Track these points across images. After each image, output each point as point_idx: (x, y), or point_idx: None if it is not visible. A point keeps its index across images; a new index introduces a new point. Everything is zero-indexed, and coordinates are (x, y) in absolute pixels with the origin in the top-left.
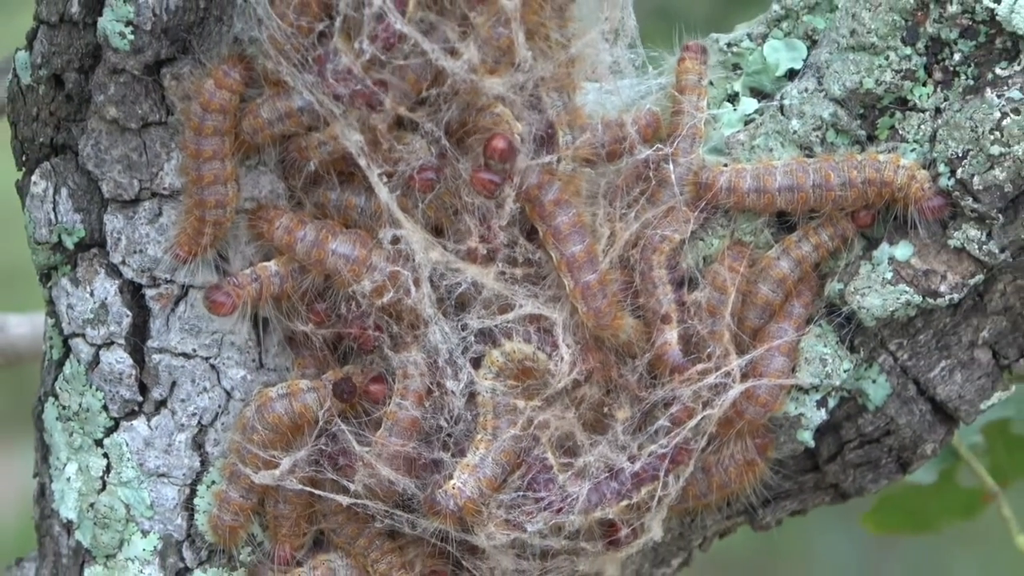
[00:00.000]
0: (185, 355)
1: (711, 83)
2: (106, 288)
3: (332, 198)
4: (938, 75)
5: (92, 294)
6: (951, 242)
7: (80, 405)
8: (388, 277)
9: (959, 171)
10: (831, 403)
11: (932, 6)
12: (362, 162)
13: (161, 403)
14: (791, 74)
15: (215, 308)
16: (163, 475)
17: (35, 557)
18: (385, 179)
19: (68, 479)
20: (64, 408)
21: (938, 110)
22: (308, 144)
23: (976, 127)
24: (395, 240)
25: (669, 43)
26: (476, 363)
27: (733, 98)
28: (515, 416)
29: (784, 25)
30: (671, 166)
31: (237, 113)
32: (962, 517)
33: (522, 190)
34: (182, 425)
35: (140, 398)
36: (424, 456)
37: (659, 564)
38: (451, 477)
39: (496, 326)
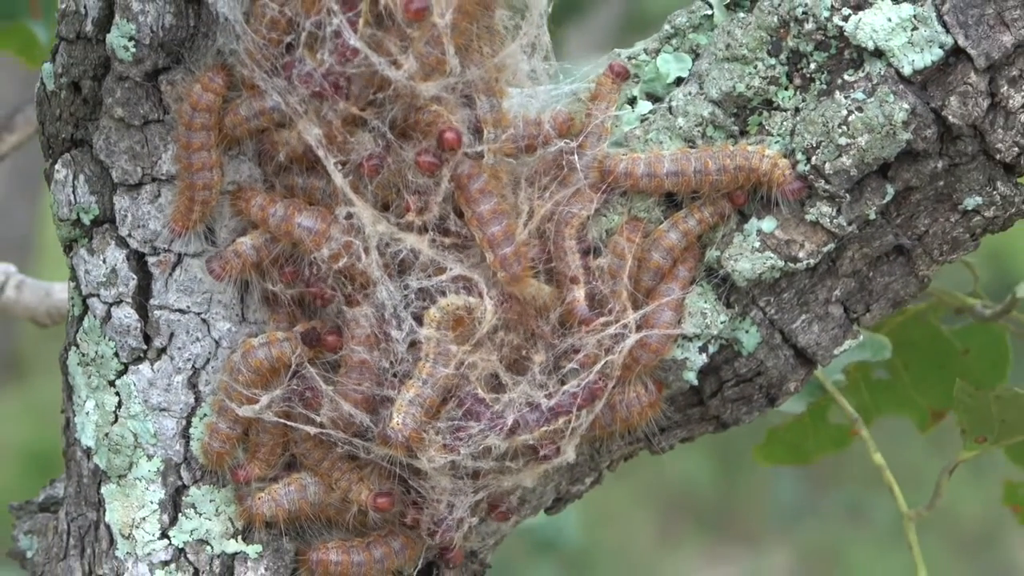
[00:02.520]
0: (181, 311)
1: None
2: (116, 256)
3: (299, 182)
4: (797, 81)
5: (105, 261)
6: (808, 217)
7: (96, 352)
8: (343, 246)
9: (813, 159)
10: (711, 349)
11: (792, 24)
12: (320, 152)
13: (162, 350)
14: (679, 81)
15: (213, 275)
16: (164, 409)
17: (64, 478)
18: (340, 166)
19: (87, 413)
20: (83, 355)
21: (797, 109)
22: (278, 140)
23: (827, 123)
24: (349, 216)
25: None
26: (417, 316)
27: (632, 101)
28: (448, 359)
29: (673, 41)
30: (577, 157)
31: (220, 111)
32: (834, 449)
33: (455, 174)
34: (179, 368)
35: (144, 346)
36: (377, 394)
37: (574, 482)
38: (392, 416)
39: (432, 285)
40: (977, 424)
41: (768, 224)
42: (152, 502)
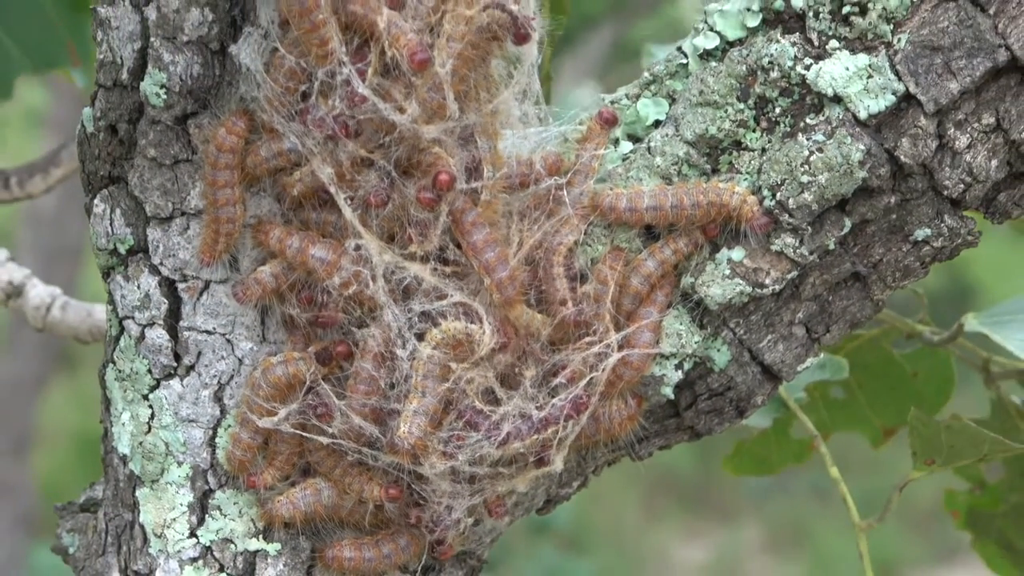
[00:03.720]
0: (208, 332)
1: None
2: (149, 283)
3: (313, 217)
4: (764, 124)
5: (139, 287)
6: (773, 247)
7: (131, 369)
8: (352, 275)
9: (778, 195)
10: (686, 366)
11: (759, 73)
12: (332, 189)
13: (190, 367)
14: (657, 123)
15: (237, 300)
16: (192, 421)
17: (103, 481)
18: (349, 202)
19: (123, 424)
20: (120, 371)
21: (764, 150)
22: (291, 181)
23: (791, 162)
24: (357, 247)
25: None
26: (420, 337)
27: (615, 141)
28: (447, 375)
29: (652, 88)
30: (566, 192)
31: (243, 152)
32: (795, 461)
33: (451, 209)
34: (206, 384)
35: (175, 364)
36: (384, 407)
37: (563, 486)
38: (399, 427)
39: (434, 309)
40: (927, 448)
41: (737, 253)
42: (182, 504)
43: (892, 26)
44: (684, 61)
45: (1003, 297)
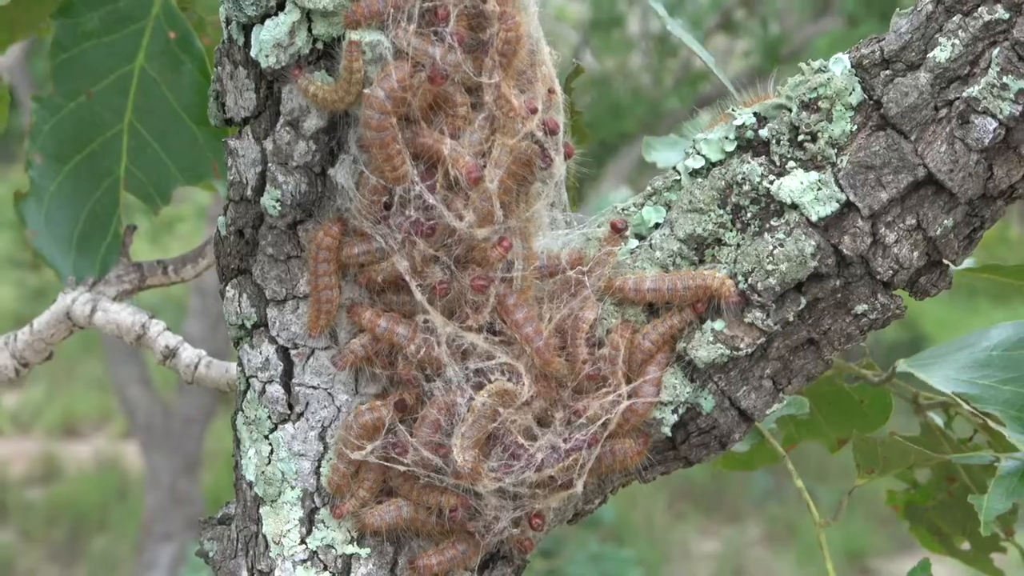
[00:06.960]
0: (313, 387)
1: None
2: (268, 350)
3: (394, 299)
4: (739, 225)
5: (261, 353)
6: (746, 319)
7: (256, 415)
8: (423, 342)
9: (749, 279)
10: (680, 411)
11: (735, 186)
12: (407, 278)
13: (300, 414)
14: (656, 225)
15: (337, 367)
16: (302, 455)
17: (234, 502)
18: (420, 288)
19: (250, 457)
20: (247, 417)
21: (738, 245)
22: (375, 272)
23: (759, 255)
24: (426, 321)
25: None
26: (476, 388)
27: (625, 240)
28: (495, 416)
29: (653, 198)
30: (587, 278)
31: (338, 250)
32: (771, 463)
33: (497, 294)
34: (312, 427)
35: (288, 412)
36: (446, 443)
37: (587, 503)
38: (457, 457)
39: (485, 367)
40: (867, 460)
41: (719, 324)
42: (294, 519)
43: (836, 150)
44: (678, 177)
45: None
